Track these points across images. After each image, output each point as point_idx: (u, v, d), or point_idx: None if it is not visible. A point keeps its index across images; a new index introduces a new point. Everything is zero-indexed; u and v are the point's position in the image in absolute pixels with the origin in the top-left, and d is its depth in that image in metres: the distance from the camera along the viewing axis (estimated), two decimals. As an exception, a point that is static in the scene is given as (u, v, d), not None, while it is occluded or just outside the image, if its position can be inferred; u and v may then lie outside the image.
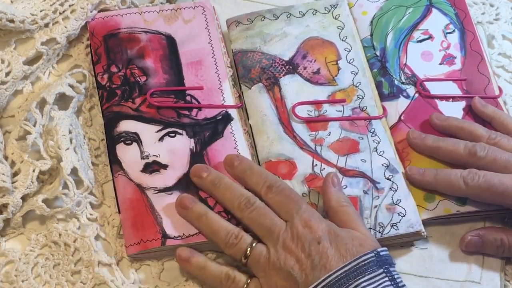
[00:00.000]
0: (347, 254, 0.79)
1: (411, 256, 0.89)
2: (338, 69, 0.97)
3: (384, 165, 0.90)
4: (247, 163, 0.88)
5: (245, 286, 0.82)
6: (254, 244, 0.83)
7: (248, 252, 0.82)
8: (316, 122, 0.93)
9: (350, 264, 0.78)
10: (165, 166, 0.90)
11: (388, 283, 0.77)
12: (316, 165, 0.90)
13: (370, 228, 0.86)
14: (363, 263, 0.78)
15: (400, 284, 0.78)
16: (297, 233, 0.81)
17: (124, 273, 0.86)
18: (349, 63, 0.98)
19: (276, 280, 0.80)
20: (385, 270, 0.78)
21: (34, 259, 0.86)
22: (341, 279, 0.77)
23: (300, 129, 0.93)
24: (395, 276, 0.78)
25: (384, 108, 0.95)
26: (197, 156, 0.91)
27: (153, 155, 0.91)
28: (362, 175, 0.90)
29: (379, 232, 0.86)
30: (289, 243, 0.81)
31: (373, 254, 0.79)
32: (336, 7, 1.02)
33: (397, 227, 0.86)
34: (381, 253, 0.79)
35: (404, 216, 0.87)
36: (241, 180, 0.88)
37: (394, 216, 0.87)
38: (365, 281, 0.77)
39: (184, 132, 0.92)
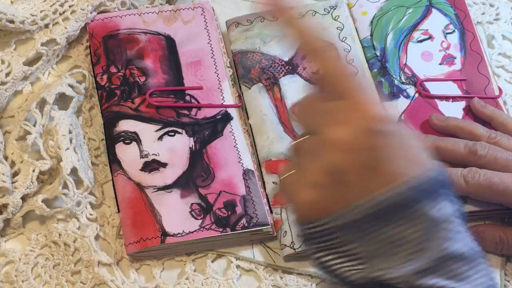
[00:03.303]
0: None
1: (411, 256, 0.88)
2: (338, 69, 0.97)
3: (384, 163, 0.90)
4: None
5: None
6: None
7: None
8: (316, 122, 0.93)
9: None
10: (164, 165, 0.90)
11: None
12: (316, 163, 0.90)
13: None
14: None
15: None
16: None
17: (124, 273, 0.86)
18: (349, 63, 0.97)
19: None
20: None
21: (34, 259, 0.86)
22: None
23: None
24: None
25: (384, 108, 0.95)
26: (196, 155, 0.91)
27: (153, 154, 0.91)
28: (363, 173, 0.89)
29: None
30: None
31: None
32: (335, 8, 1.02)
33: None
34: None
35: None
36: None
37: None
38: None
39: (183, 131, 0.92)
